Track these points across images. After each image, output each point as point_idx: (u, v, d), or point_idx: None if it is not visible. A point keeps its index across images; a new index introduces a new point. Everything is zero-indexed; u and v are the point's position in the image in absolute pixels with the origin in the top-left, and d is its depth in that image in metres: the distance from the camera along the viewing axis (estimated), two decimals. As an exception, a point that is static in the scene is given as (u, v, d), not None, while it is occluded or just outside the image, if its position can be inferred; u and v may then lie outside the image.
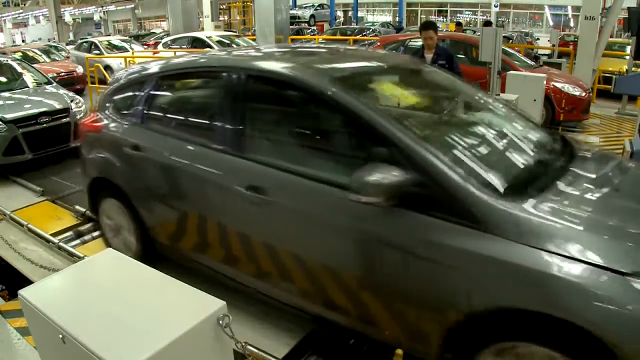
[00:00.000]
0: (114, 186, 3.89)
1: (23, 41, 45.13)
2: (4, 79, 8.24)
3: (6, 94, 7.49)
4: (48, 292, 1.96)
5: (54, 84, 8.59)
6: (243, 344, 1.99)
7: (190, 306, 1.76)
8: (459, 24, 15.13)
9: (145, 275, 1.97)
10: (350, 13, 39.97)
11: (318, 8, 33.44)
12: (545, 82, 7.61)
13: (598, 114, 10.03)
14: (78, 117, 7.24)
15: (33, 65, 9.50)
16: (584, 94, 8.79)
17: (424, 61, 5.74)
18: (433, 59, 5.76)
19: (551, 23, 34.44)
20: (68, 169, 6.72)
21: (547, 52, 14.37)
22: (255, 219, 3.00)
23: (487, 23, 12.32)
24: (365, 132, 2.61)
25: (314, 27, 28.04)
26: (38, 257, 4.44)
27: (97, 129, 4.12)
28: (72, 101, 7.59)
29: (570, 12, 33.63)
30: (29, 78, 8.37)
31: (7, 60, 8.75)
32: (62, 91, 8.15)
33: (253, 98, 3.22)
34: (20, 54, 15.64)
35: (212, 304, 1.75)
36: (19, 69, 8.54)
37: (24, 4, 38.20)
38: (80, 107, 7.62)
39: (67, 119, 7.25)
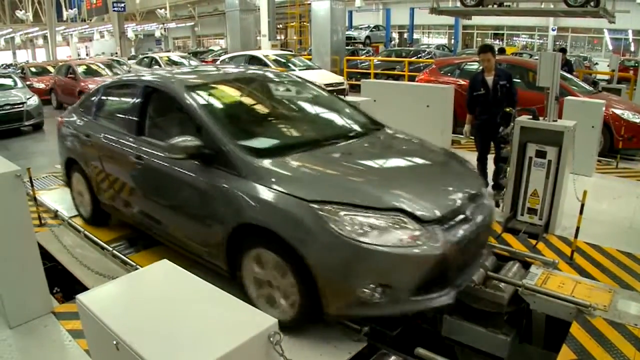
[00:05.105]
0: None
1: (87, 55, 47.26)
2: (334, 119, 4.82)
3: (371, 162, 3.86)
4: (104, 299, 2.01)
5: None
6: (291, 362, 1.99)
7: (242, 322, 1.77)
8: (501, 50, 14.42)
9: (199, 288, 2.00)
10: (405, 35, 39.97)
11: (374, 29, 33.73)
12: (604, 109, 7.36)
13: (661, 143, 9.56)
14: None
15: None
16: (645, 121, 8.46)
17: (486, 84, 5.89)
18: (495, 81, 5.88)
19: (610, 47, 33.44)
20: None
21: (606, 77, 13.93)
22: None
23: (562, 50, 12.03)
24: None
25: (370, 48, 28.23)
26: (93, 263, 4.56)
27: None
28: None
29: (630, 36, 32.59)
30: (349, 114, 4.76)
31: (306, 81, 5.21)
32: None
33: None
34: (85, 66, 16.40)
35: (264, 321, 1.75)
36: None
37: (90, 20, 39.97)
38: None
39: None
